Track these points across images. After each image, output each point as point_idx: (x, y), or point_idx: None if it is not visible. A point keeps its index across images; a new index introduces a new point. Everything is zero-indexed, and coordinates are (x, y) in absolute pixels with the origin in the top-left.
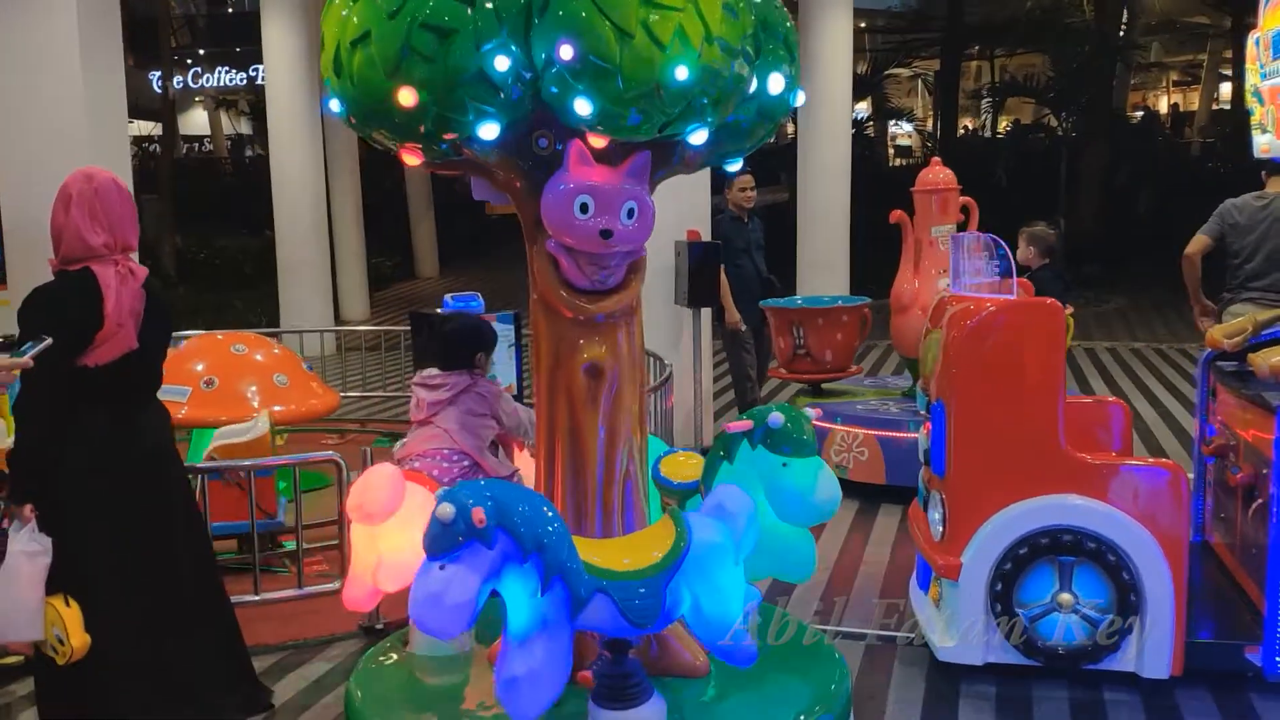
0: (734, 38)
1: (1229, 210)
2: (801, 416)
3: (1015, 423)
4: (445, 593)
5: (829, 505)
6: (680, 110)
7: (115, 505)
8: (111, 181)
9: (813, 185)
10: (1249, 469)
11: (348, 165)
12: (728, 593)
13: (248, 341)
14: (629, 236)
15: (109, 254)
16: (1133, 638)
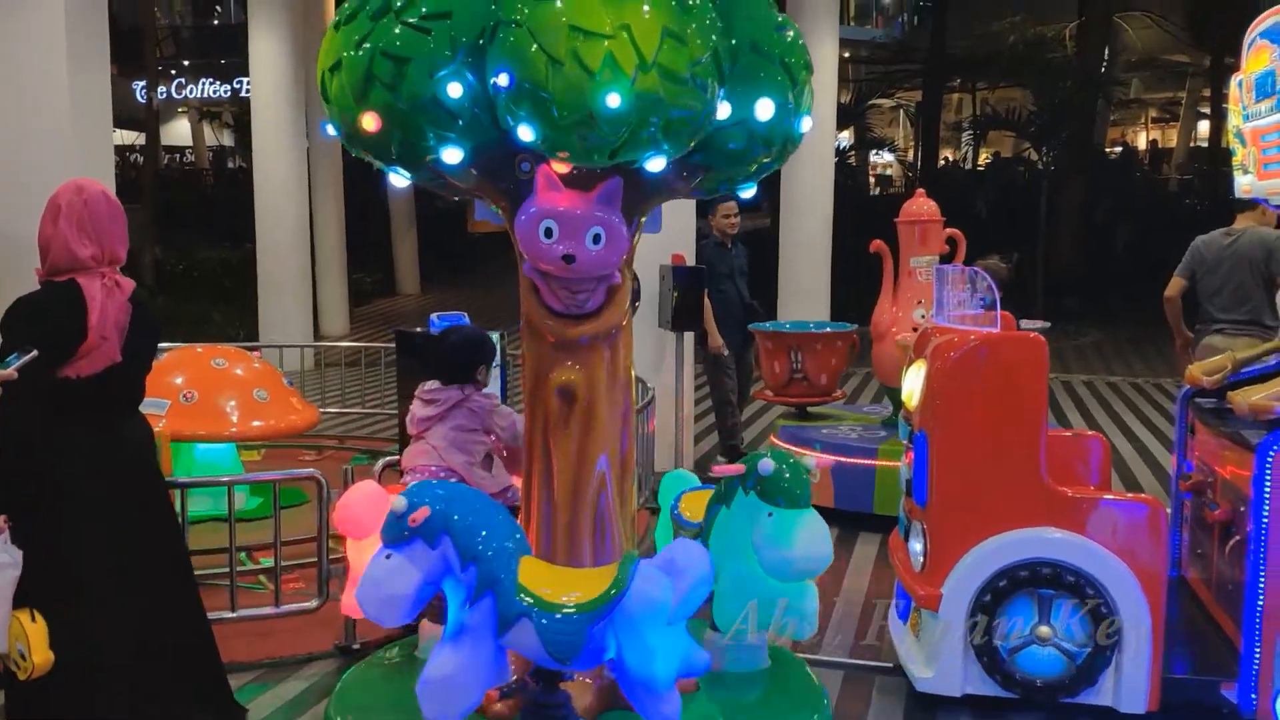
0: (679, 64)
1: (1197, 249)
2: (798, 467)
3: (997, 455)
4: (385, 581)
5: (807, 563)
6: (624, 137)
7: (92, 518)
8: (102, 194)
9: (795, 212)
10: (1226, 506)
11: (331, 180)
12: (654, 651)
13: (228, 355)
14: (593, 262)
15: (96, 266)
16: (1109, 672)
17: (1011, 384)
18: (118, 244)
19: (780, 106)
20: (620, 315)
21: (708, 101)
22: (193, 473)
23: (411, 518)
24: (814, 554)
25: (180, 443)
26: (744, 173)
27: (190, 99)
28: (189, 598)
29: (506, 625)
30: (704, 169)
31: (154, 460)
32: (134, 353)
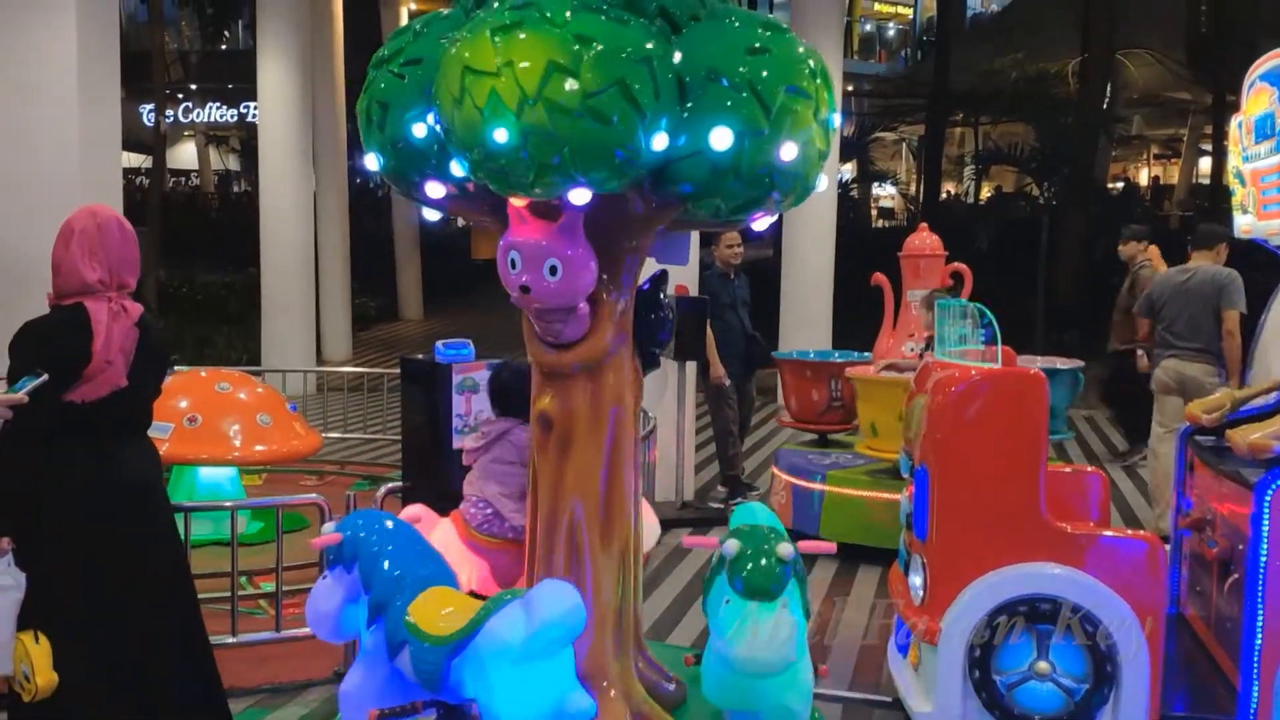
0: (569, 97)
1: (1154, 288)
2: (767, 552)
3: (997, 490)
4: (316, 599)
5: (749, 664)
6: (532, 171)
7: (94, 543)
8: (115, 221)
9: (798, 244)
10: (1225, 543)
11: (336, 205)
12: (499, 692)
13: (232, 379)
14: (549, 293)
15: (103, 290)
16: (1108, 708)
17: (1011, 419)
18: (127, 270)
19: (743, 135)
20: (599, 347)
21: (621, 132)
22: (195, 497)
23: (320, 542)
24: (757, 657)
25: (183, 466)
26: (730, 204)
27: (197, 123)
28: (192, 623)
29: (394, 650)
30: (679, 200)
31: (160, 485)
32: (140, 377)
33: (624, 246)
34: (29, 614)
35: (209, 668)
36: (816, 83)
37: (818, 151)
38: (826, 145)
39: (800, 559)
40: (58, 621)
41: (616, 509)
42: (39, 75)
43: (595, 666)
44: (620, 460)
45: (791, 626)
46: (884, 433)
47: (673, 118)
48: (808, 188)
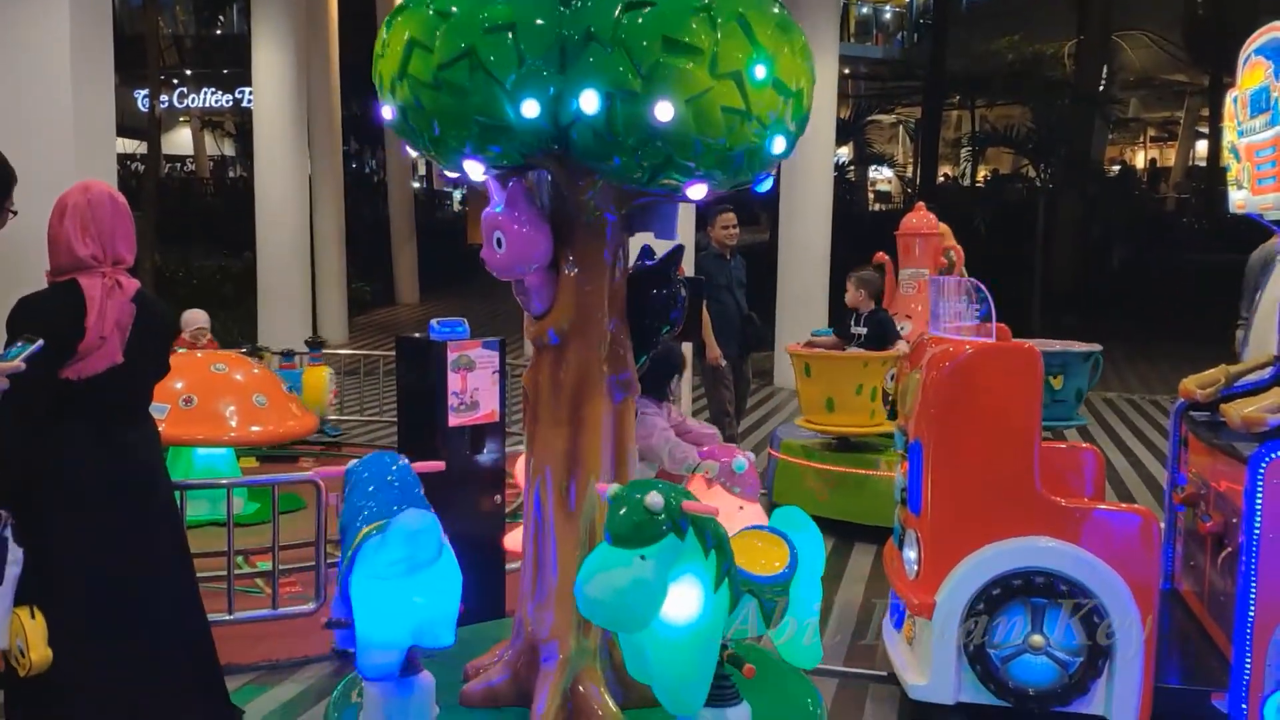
0: (423, 71)
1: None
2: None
3: (991, 464)
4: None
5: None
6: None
7: (92, 522)
8: (107, 194)
9: (795, 226)
10: (1219, 518)
11: (332, 190)
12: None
13: (228, 360)
14: (496, 264)
15: (97, 265)
16: (1102, 681)
17: (1005, 394)
18: (122, 245)
19: (612, 96)
20: (562, 318)
21: (478, 102)
22: (191, 477)
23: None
24: (585, 595)
25: (179, 447)
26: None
27: (192, 108)
28: (190, 602)
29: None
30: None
31: (161, 465)
32: (138, 355)
33: (578, 220)
34: (26, 590)
35: (207, 646)
36: (714, 35)
37: (735, 111)
38: (750, 103)
39: (715, 528)
40: (53, 599)
41: (582, 482)
42: (32, 60)
43: (557, 636)
44: (587, 434)
45: (635, 582)
46: (841, 407)
47: (546, 84)
48: (736, 153)
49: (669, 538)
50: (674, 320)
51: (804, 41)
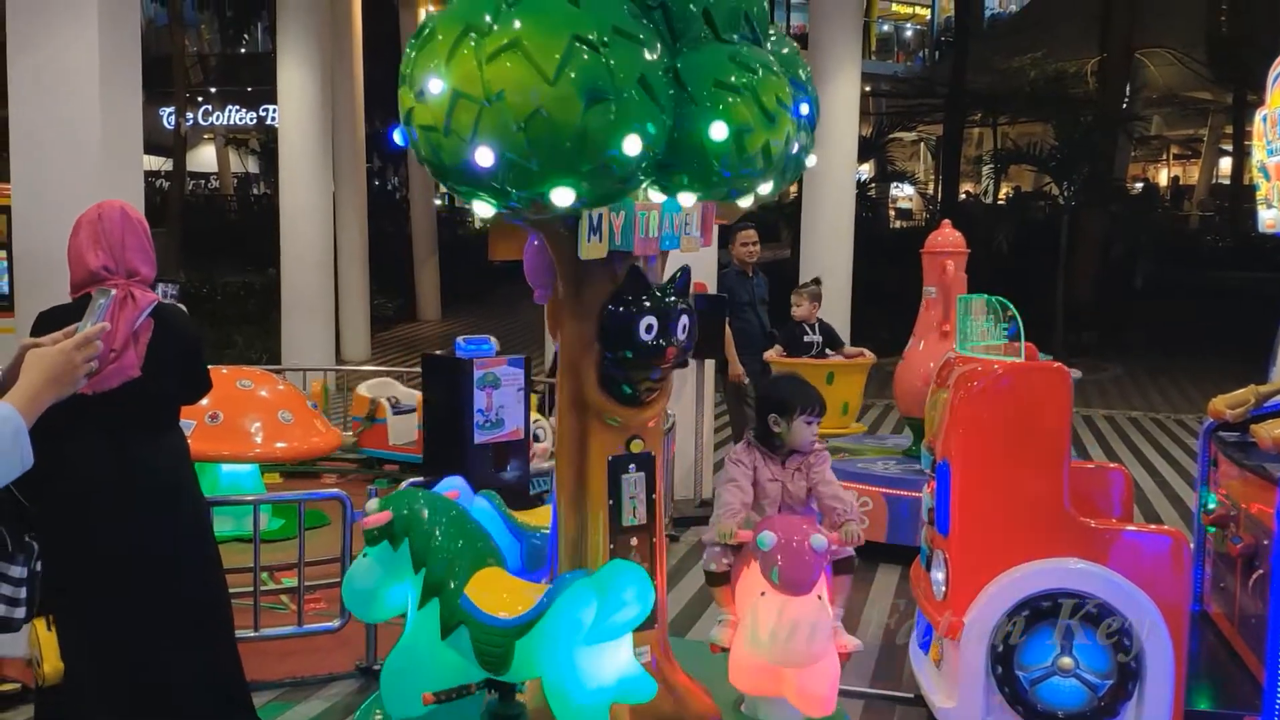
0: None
1: None
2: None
3: (1020, 485)
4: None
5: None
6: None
7: (105, 539)
8: (119, 209)
9: (817, 243)
10: (1249, 539)
11: (355, 207)
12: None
13: (253, 377)
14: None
15: (110, 278)
16: (1131, 704)
17: (1035, 414)
18: (135, 257)
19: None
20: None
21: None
22: (216, 493)
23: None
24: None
25: (205, 463)
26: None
27: (216, 125)
28: (216, 617)
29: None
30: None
31: (185, 482)
32: (157, 369)
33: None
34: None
35: (233, 662)
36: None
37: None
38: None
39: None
40: (65, 614)
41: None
42: (61, 79)
43: None
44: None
45: (351, 572)
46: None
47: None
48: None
49: (383, 544)
50: (640, 345)
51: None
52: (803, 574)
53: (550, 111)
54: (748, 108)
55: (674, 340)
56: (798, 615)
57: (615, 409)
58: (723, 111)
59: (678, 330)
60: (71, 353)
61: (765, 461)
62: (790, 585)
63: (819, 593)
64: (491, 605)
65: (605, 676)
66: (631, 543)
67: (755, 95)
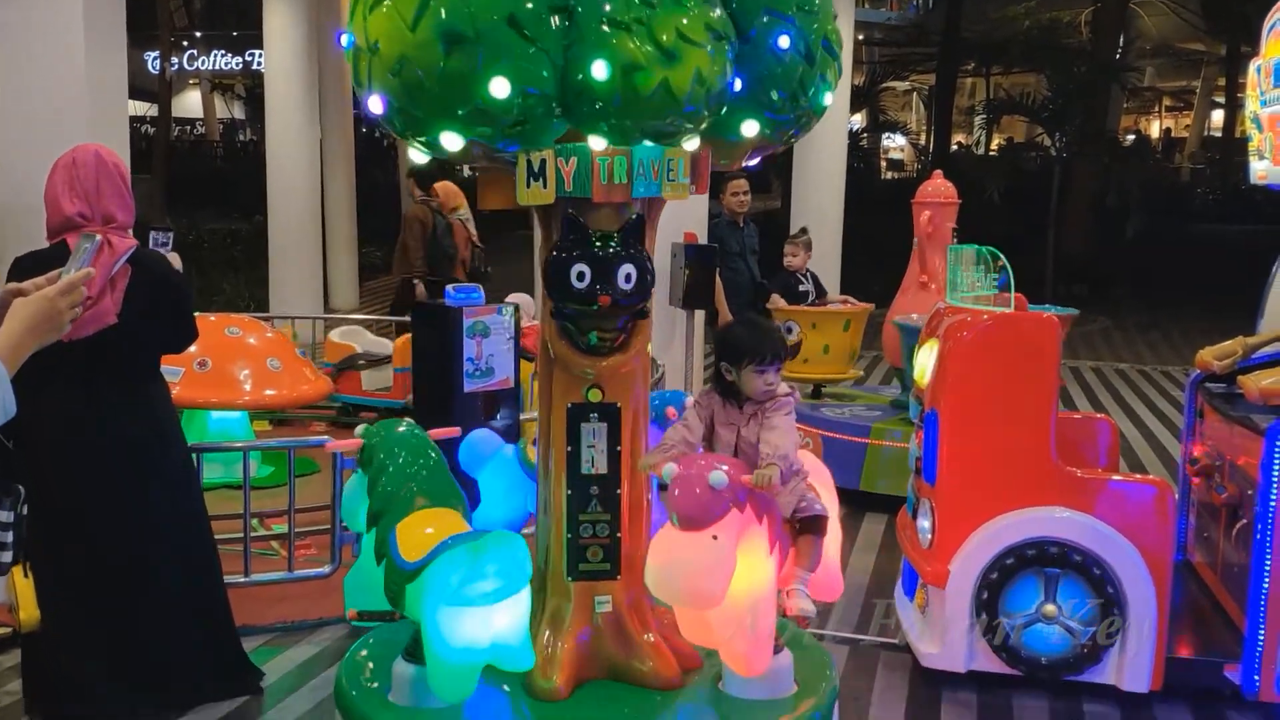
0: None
1: None
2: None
3: (1007, 434)
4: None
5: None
6: None
7: (82, 489)
8: (94, 153)
9: (808, 193)
10: (1234, 489)
11: (343, 154)
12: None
13: (241, 324)
14: None
15: (85, 224)
16: (1114, 651)
17: (1023, 364)
18: (112, 203)
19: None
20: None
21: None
22: (205, 440)
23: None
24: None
25: (193, 411)
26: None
27: (201, 70)
28: (202, 564)
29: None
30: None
31: (167, 432)
32: (135, 316)
33: None
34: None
35: (221, 608)
36: None
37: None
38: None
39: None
40: (47, 559)
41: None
42: (45, 22)
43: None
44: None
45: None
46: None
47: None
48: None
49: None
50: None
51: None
52: (693, 509)
53: (413, 58)
54: (638, 44)
55: (614, 290)
56: (681, 552)
57: (574, 358)
58: (608, 49)
59: (619, 279)
60: (55, 299)
61: (723, 407)
62: (682, 520)
63: (716, 533)
64: (405, 545)
65: (477, 639)
66: (591, 491)
67: (649, 30)
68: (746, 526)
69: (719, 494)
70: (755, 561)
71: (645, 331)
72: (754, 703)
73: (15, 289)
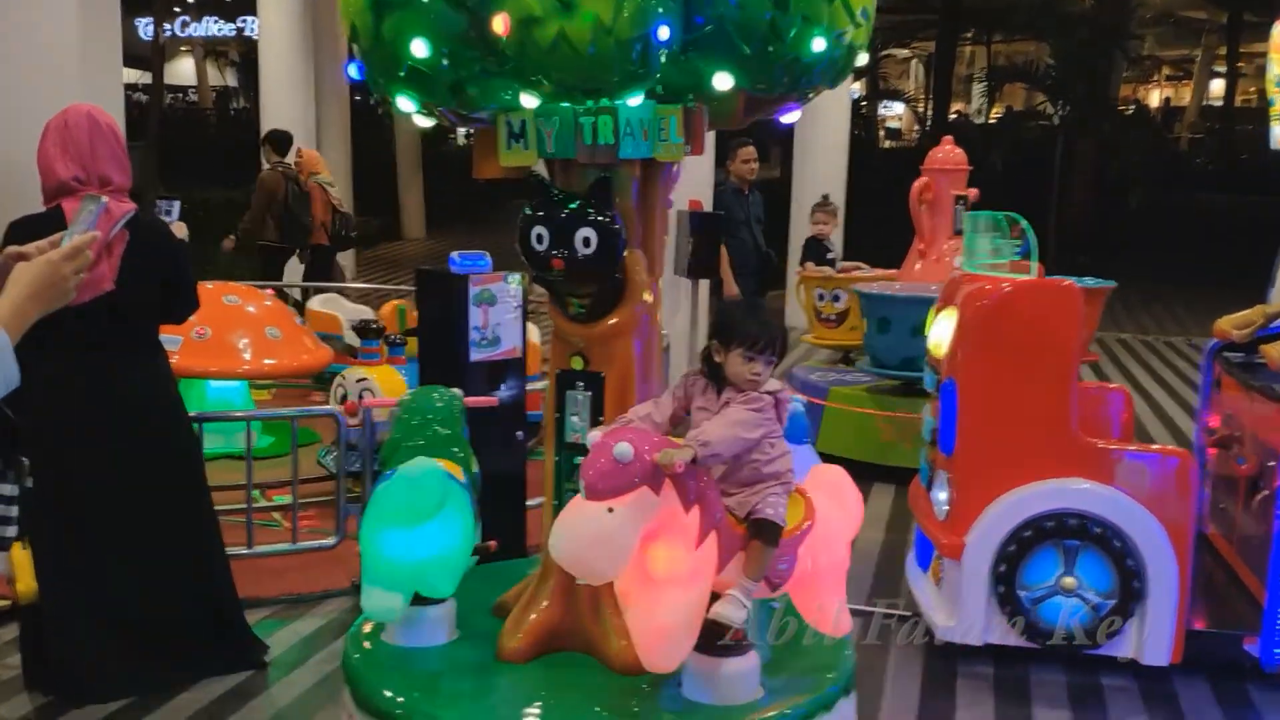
0: None
1: None
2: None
3: (1027, 404)
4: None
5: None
6: None
7: (80, 453)
8: (86, 114)
9: (810, 161)
10: (1255, 460)
11: (338, 122)
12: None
13: (240, 292)
14: None
15: (81, 188)
16: (1133, 624)
17: (1043, 332)
18: (106, 165)
19: None
20: None
21: None
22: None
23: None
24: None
25: (192, 380)
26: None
27: (194, 37)
28: (202, 536)
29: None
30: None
31: (166, 402)
32: (132, 283)
33: None
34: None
35: (223, 580)
36: None
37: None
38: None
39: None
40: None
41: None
42: None
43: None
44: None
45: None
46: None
47: None
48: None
49: None
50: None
51: None
52: (593, 477)
53: (359, 27)
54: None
55: (569, 253)
56: (574, 519)
57: (561, 324)
58: (508, 2)
59: (576, 242)
60: (59, 264)
61: (704, 390)
62: (585, 487)
63: (613, 506)
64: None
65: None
66: (575, 460)
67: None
68: (663, 510)
69: (623, 467)
70: (674, 553)
71: (631, 300)
72: (707, 707)
73: (16, 252)
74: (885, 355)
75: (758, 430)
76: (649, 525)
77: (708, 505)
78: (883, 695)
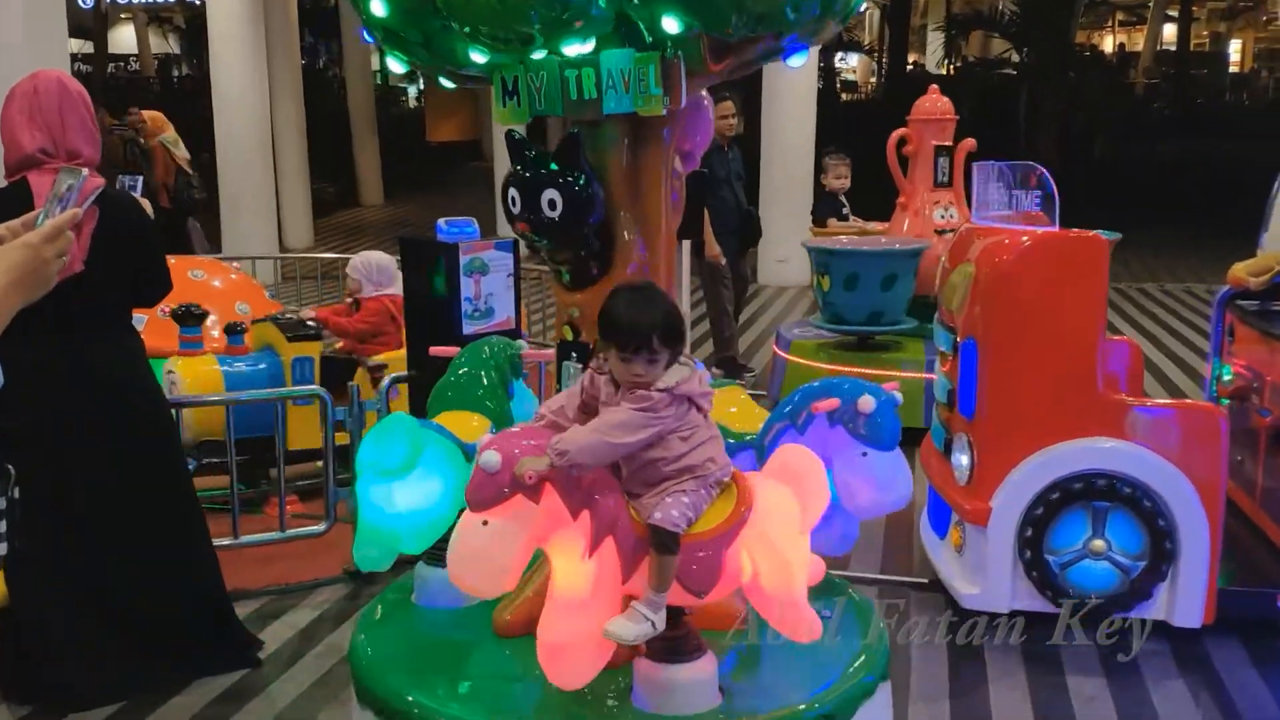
0: None
1: None
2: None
3: (1051, 363)
4: None
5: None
6: None
7: (49, 446)
8: (55, 80)
9: (778, 115)
10: (1277, 411)
11: (290, 85)
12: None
13: (205, 266)
14: None
15: (48, 161)
16: (1165, 585)
17: (1068, 286)
18: (75, 136)
19: None
20: None
21: None
22: None
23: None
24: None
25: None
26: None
27: (135, 4)
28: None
29: None
30: None
31: (139, 383)
32: (102, 261)
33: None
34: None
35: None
36: None
37: None
38: None
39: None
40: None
41: None
42: None
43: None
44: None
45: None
46: None
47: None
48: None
49: None
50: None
51: None
52: (468, 487)
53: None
54: None
55: (533, 215)
56: (456, 534)
57: (558, 292)
58: None
59: (542, 204)
60: (40, 246)
61: (607, 383)
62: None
63: (489, 519)
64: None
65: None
66: None
67: None
68: (547, 520)
69: (490, 477)
70: (564, 563)
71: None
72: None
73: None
74: (849, 312)
75: (643, 431)
76: (532, 535)
77: (598, 510)
78: (911, 668)
